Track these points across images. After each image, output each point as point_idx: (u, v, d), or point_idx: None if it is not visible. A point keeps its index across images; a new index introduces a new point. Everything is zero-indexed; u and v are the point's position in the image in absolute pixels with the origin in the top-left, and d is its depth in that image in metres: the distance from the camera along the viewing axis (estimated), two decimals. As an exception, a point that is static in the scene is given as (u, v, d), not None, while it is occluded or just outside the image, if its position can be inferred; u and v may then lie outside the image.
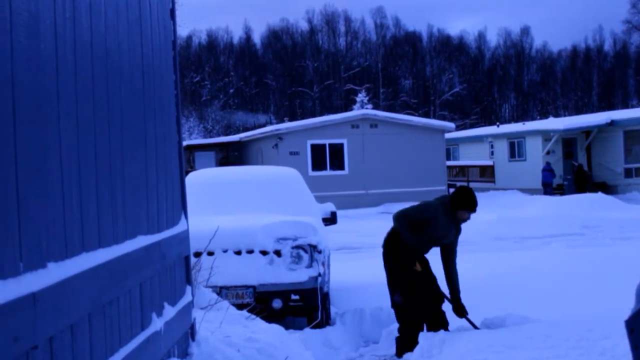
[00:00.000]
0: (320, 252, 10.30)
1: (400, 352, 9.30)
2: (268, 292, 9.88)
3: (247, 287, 9.87)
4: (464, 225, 9.50)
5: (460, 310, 9.50)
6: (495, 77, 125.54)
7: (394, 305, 9.50)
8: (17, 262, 3.01)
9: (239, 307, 9.12)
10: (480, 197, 34.10)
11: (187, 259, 6.68)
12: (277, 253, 10.06)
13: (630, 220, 25.85)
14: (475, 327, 9.41)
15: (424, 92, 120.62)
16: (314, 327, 10.16)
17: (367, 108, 73.22)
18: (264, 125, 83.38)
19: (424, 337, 8.75)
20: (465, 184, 49.64)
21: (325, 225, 12.28)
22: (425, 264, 9.57)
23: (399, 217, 9.29)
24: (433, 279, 9.55)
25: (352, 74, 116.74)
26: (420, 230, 9.28)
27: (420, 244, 9.34)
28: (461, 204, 9.22)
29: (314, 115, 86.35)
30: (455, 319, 9.52)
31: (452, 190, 41.43)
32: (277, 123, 65.90)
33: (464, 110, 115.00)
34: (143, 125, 5.21)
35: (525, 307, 10.09)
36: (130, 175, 4.81)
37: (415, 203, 9.76)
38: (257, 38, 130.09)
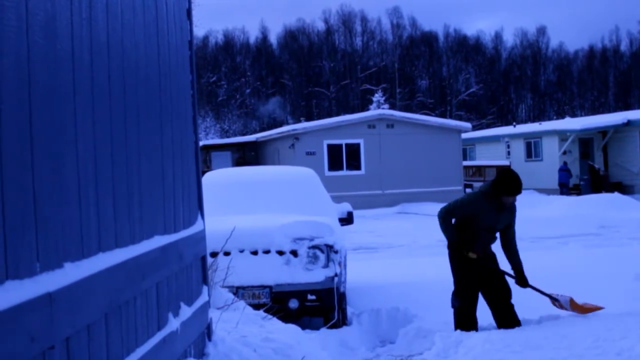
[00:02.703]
0: (336, 252, 10.28)
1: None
2: (284, 292, 9.87)
3: (263, 287, 9.86)
4: None
5: (523, 281, 9.65)
6: (512, 77, 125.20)
7: (452, 305, 9.79)
8: (33, 262, 3.01)
9: (256, 307, 9.12)
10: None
11: (203, 259, 6.69)
12: (294, 253, 10.05)
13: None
14: (543, 293, 9.73)
15: (441, 92, 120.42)
16: (331, 327, 10.15)
17: (383, 108, 73.17)
18: (280, 124, 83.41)
19: (441, 337, 8.74)
20: (481, 184, 49.59)
21: (342, 225, 12.26)
22: (492, 259, 9.64)
23: (441, 213, 9.54)
24: (499, 274, 9.60)
25: (368, 74, 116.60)
26: (469, 223, 9.44)
27: (474, 235, 9.47)
28: (501, 189, 9.24)
29: (330, 116, 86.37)
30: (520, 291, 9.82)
31: (468, 185, 41.44)
32: (293, 123, 65.90)
33: (481, 110, 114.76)
34: (159, 126, 5.22)
35: (540, 307, 10.06)
36: (147, 175, 4.81)
37: (460, 196, 9.80)
38: (273, 38, 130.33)
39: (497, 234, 9.71)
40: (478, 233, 9.43)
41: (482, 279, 9.58)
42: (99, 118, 3.90)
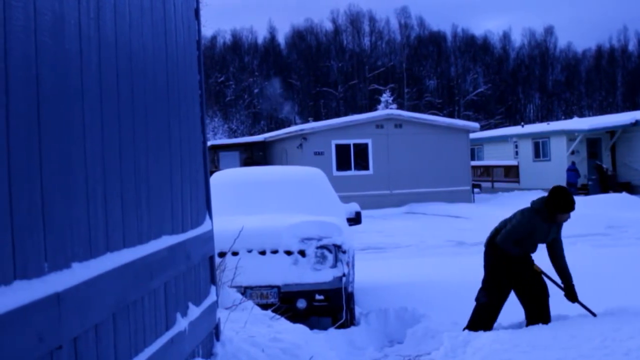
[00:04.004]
0: (344, 252, 10.27)
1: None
2: (292, 292, 9.86)
3: (271, 287, 9.85)
4: None
5: (572, 296, 9.72)
6: (520, 77, 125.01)
7: (476, 299, 9.77)
8: (41, 263, 3.01)
9: (264, 307, 9.12)
10: (504, 197, 33.74)
11: (211, 259, 6.69)
12: (302, 253, 10.05)
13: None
14: (590, 312, 9.58)
15: (449, 92, 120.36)
16: (339, 327, 10.14)
17: (391, 108, 73.14)
18: (288, 124, 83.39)
19: (449, 337, 8.73)
20: (489, 184, 49.57)
21: (350, 225, 12.24)
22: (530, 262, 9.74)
23: (504, 242, 9.56)
24: (538, 275, 9.64)
25: (376, 74, 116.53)
26: (525, 240, 9.59)
27: (527, 249, 9.69)
28: (557, 208, 9.40)
29: (338, 116, 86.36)
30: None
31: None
32: (301, 123, 65.87)
33: (489, 110, 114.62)
34: (167, 126, 5.22)
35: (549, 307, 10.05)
36: (155, 175, 4.81)
37: (511, 218, 9.80)
38: (281, 38, 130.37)
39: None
40: (528, 247, 9.63)
41: (518, 279, 9.62)
42: (107, 118, 3.90)
